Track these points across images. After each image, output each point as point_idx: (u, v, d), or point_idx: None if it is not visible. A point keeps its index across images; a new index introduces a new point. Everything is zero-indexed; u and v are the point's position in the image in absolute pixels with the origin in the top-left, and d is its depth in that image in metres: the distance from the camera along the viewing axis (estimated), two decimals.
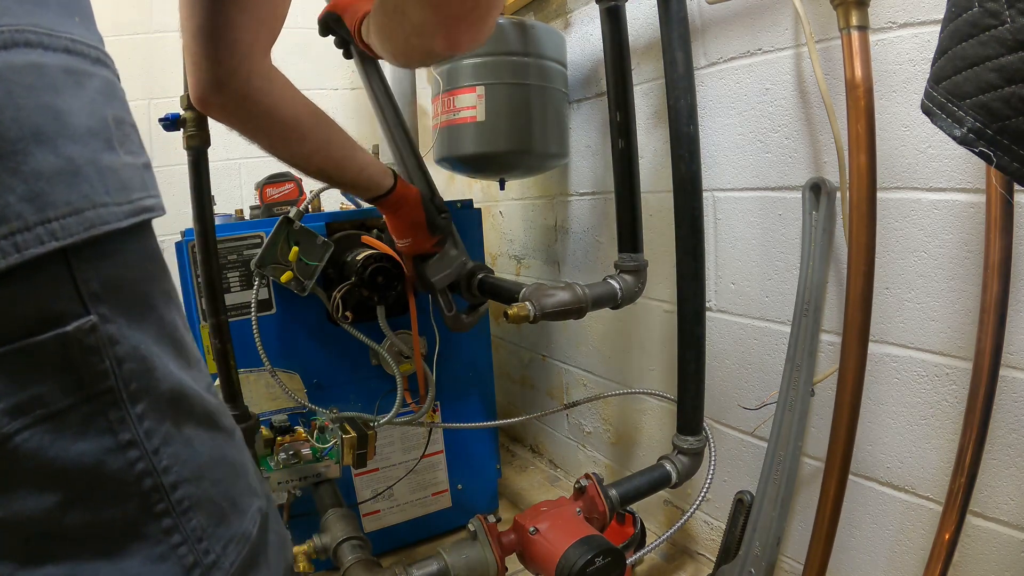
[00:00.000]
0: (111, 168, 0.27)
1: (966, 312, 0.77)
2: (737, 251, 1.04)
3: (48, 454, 0.25)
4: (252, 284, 1.03)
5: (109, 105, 0.28)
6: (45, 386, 0.25)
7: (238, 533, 0.33)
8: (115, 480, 0.28)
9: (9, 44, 0.24)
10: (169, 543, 0.29)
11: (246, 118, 0.62)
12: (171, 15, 0.55)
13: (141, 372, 0.28)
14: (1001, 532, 0.77)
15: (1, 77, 0.23)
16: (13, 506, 0.25)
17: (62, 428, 0.26)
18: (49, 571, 0.26)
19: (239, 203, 1.56)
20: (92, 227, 0.26)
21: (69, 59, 0.27)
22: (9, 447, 0.24)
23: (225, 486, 0.33)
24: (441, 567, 0.84)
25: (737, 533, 1.00)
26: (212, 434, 0.33)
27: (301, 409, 1.09)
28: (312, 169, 0.74)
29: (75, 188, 0.25)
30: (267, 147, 0.68)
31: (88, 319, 0.26)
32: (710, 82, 1.02)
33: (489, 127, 1.11)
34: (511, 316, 0.90)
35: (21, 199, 0.23)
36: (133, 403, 0.28)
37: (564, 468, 1.63)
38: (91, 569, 0.27)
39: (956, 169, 0.75)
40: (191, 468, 0.30)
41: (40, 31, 0.25)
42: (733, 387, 1.09)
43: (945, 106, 0.35)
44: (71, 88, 0.26)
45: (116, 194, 0.27)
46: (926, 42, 0.75)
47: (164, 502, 0.29)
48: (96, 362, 0.26)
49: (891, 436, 0.87)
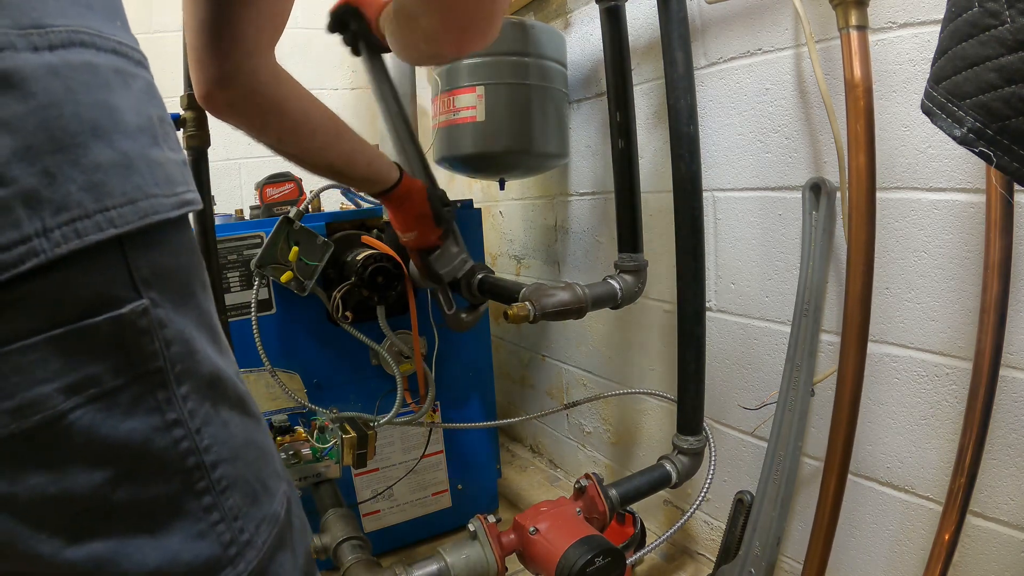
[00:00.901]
0: (158, 162, 0.29)
1: (966, 312, 0.77)
2: (737, 251, 1.04)
3: (100, 432, 0.26)
4: (252, 284, 1.03)
5: (152, 104, 0.30)
6: (99, 366, 0.26)
7: (269, 514, 0.33)
8: (161, 458, 0.29)
9: (67, 43, 0.25)
10: (209, 520, 0.30)
11: (255, 113, 0.61)
12: (171, 15, 0.55)
13: (185, 355, 0.29)
14: (1001, 532, 0.77)
15: (60, 74, 0.25)
16: (65, 482, 0.26)
17: (113, 407, 0.27)
18: (95, 547, 0.27)
19: (239, 203, 1.56)
20: (145, 216, 0.27)
21: (117, 60, 0.28)
22: (63, 425, 0.25)
23: (256, 468, 0.33)
24: (441, 567, 0.84)
25: (737, 533, 1.00)
26: (244, 418, 0.34)
27: (301, 409, 1.09)
28: (322, 164, 0.72)
29: (129, 180, 0.27)
30: (275, 143, 0.66)
31: (141, 302, 0.27)
32: (710, 82, 1.02)
33: (489, 127, 1.10)
34: (511, 316, 0.90)
35: (81, 188, 0.25)
36: (179, 384, 0.29)
37: (564, 468, 1.63)
38: (134, 545, 0.28)
39: (956, 169, 0.75)
40: (229, 448, 0.31)
41: (92, 32, 0.27)
42: (733, 387, 1.09)
43: (945, 106, 0.35)
44: (120, 87, 0.28)
45: (164, 186, 0.29)
46: (926, 42, 0.75)
47: (205, 480, 0.30)
48: (147, 343, 0.28)
49: (891, 436, 0.87)
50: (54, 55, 0.25)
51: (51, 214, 0.24)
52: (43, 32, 0.25)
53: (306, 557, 0.39)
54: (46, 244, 0.24)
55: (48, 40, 0.25)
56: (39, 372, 0.25)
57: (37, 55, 0.24)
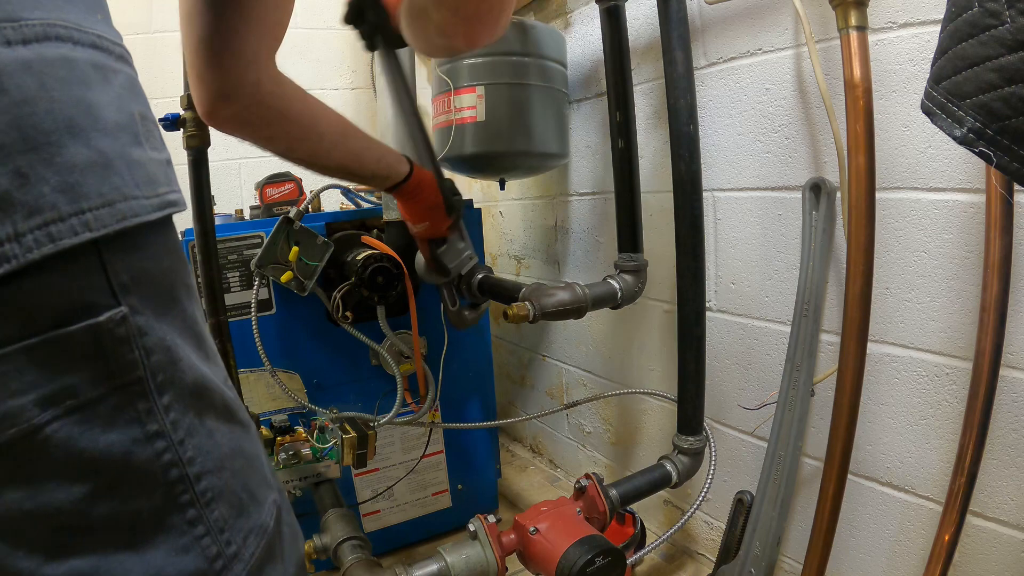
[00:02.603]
0: (139, 162, 0.28)
1: (966, 312, 0.77)
2: (737, 251, 1.04)
3: (78, 445, 0.25)
4: (252, 284, 1.03)
5: (134, 101, 0.29)
6: (75, 376, 0.25)
7: (257, 525, 0.33)
8: (142, 471, 0.28)
9: (41, 37, 0.24)
10: (193, 534, 0.29)
11: (261, 124, 0.60)
12: (171, 15, 0.54)
13: (167, 364, 0.29)
14: (1001, 532, 0.77)
15: (34, 69, 0.24)
16: (42, 498, 0.25)
17: (92, 419, 0.26)
18: (75, 564, 0.26)
19: (239, 203, 1.56)
20: (124, 219, 0.26)
21: (96, 54, 0.27)
22: (39, 438, 0.24)
23: (243, 478, 0.33)
24: (441, 567, 0.84)
25: (737, 533, 1.00)
26: (231, 427, 0.33)
27: (301, 409, 1.09)
28: (332, 165, 0.71)
29: (107, 180, 0.26)
30: (285, 151, 0.65)
31: (119, 310, 0.26)
32: (710, 82, 1.02)
33: (489, 127, 1.10)
34: (511, 316, 0.90)
35: (55, 190, 0.24)
36: (160, 394, 0.28)
37: (564, 468, 1.63)
38: (116, 561, 0.27)
39: (956, 169, 0.75)
40: (213, 459, 0.30)
41: (69, 26, 0.26)
42: (733, 387, 1.09)
43: (945, 106, 0.35)
44: (99, 83, 0.27)
45: (144, 187, 0.28)
46: (926, 42, 0.75)
47: (188, 493, 0.29)
48: (126, 352, 0.27)
49: (891, 436, 0.87)
50: (28, 49, 0.24)
51: (23, 217, 0.23)
52: (16, 25, 0.24)
53: (298, 567, 0.38)
54: (18, 249, 0.23)
55: (22, 34, 0.24)
56: (13, 383, 0.24)
57: (10, 50, 0.23)
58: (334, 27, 1.82)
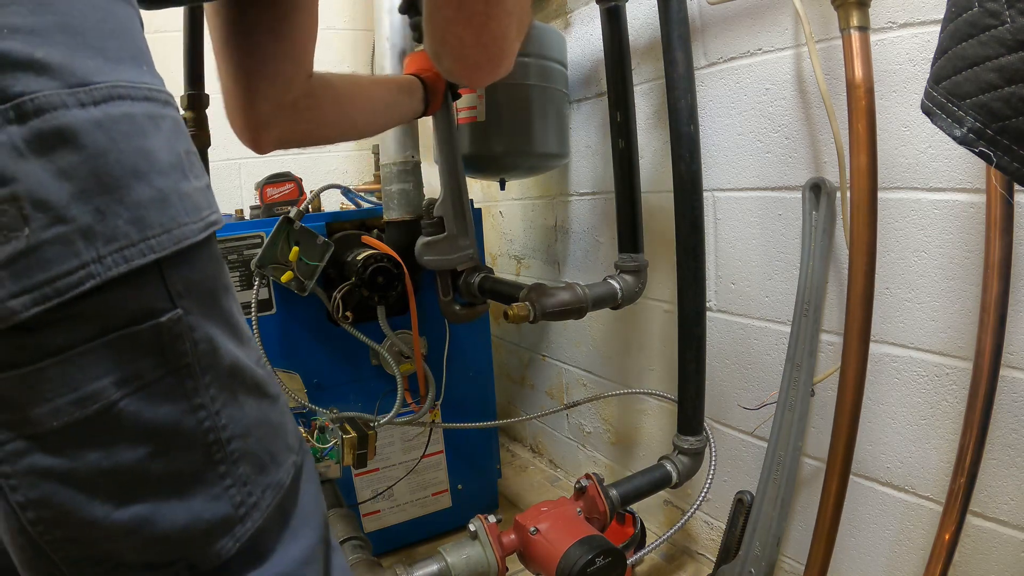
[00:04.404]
0: (187, 194, 0.35)
1: (966, 312, 0.77)
2: (737, 251, 1.04)
3: (143, 416, 0.33)
4: (252, 284, 1.03)
5: (179, 140, 0.36)
6: (142, 363, 0.33)
7: (274, 481, 0.40)
8: (188, 435, 0.35)
9: (107, 98, 0.31)
10: (223, 485, 0.36)
11: (302, 138, 0.67)
12: (171, 15, 0.54)
13: (209, 352, 0.36)
14: (1001, 532, 0.77)
15: (104, 127, 0.30)
16: (115, 457, 0.32)
17: (153, 395, 0.33)
18: (136, 509, 0.33)
19: (239, 203, 1.56)
20: (179, 242, 0.33)
21: (149, 106, 0.33)
22: (114, 412, 0.32)
23: (266, 443, 0.40)
24: (441, 567, 0.84)
25: (737, 533, 1.00)
26: (259, 400, 0.40)
27: (301, 409, 1.09)
28: (368, 134, 0.85)
29: (165, 212, 0.33)
30: (326, 143, 0.75)
31: (176, 312, 0.34)
32: (710, 82, 1.02)
33: (489, 127, 1.10)
34: (511, 316, 0.90)
35: (127, 222, 0.31)
36: (203, 375, 0.35)
37: (564, 468, 1.63)
38: (167, 507, 0.34)
39: (956, 169, 0.75)
40: (242, 426, 0.37)
41: (127, 84, 0.32)
42: (733, 387, 1.09)
43: (945, 106, 0.35)
44: (153, 131, 0.33)
45: (192, 214, 0.35)
46: (926, 42, 0.75)
47: (221, 452, 0.36)
48: (179, 345, 0.34)
49: (891, 436, 0.87)
50: (98, 109, 0.30)
51: (103, 244, 0.30)
52: (88, 89, 0.30)
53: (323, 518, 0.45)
54: (100, 268, 0.30)
55: (92, 96, 0.30)
56: (96, 370, 0.31)
57: (84, 111, 0.29)
58: (334, 27, 1.82)
